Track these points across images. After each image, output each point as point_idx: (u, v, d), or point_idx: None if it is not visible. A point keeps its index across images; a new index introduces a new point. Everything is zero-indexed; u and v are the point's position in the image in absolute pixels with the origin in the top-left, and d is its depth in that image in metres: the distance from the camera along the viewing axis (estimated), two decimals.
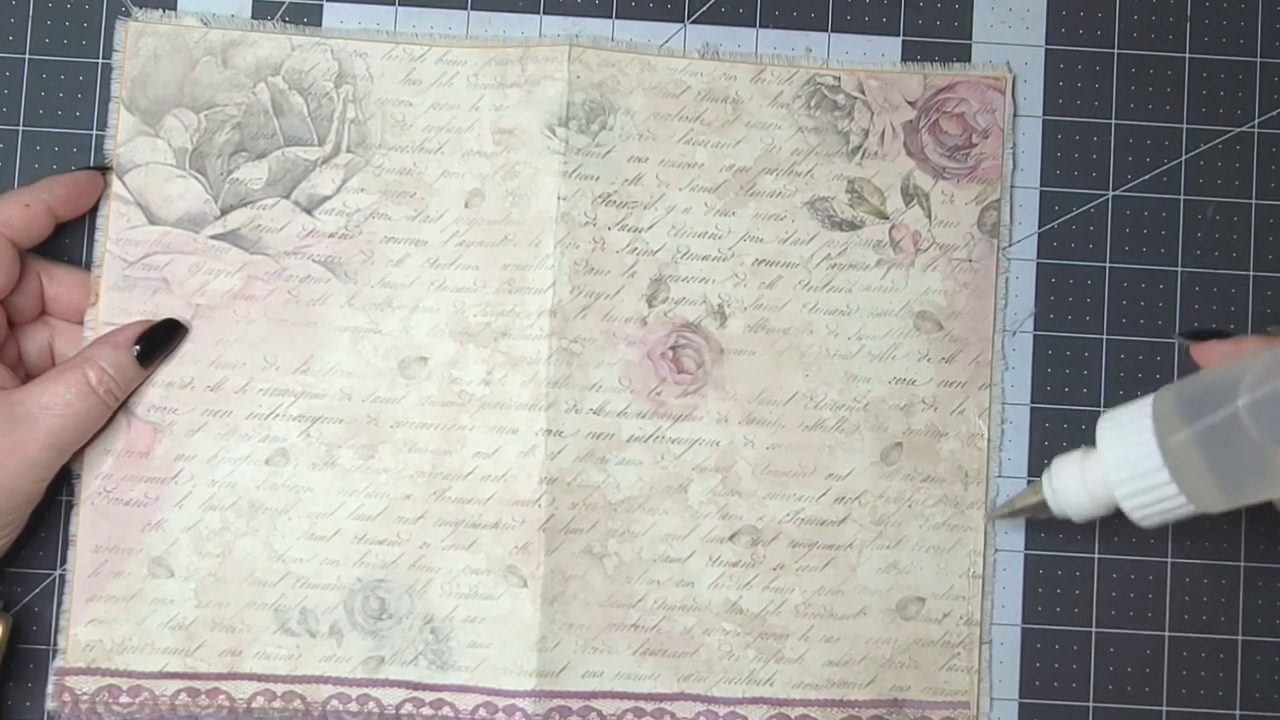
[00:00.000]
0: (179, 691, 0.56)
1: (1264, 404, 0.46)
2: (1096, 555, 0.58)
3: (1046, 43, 0.59)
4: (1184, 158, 0.59)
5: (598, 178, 0.57)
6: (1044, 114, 0.59)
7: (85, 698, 0.56)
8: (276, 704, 0.56)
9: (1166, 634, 0.58)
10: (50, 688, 0.56)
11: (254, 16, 0.58)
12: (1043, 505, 0.54)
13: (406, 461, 0.56)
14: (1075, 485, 0.52)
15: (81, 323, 0.56)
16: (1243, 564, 0.58)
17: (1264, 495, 0.48)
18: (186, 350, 0.56)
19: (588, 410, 0.57)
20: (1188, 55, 0.59)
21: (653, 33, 0.59)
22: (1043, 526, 0.57)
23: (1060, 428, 0.58)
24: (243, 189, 0.57)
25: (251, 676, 0.56)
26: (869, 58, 0.59)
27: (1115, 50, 0.59)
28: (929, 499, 0.57)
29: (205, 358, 0.56)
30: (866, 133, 0.58)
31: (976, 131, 0.58)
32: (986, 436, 0.58)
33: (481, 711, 0.56)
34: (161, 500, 0.56)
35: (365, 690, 0.56)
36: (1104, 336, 0.58)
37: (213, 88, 0.57)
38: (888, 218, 0.58)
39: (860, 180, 0.58)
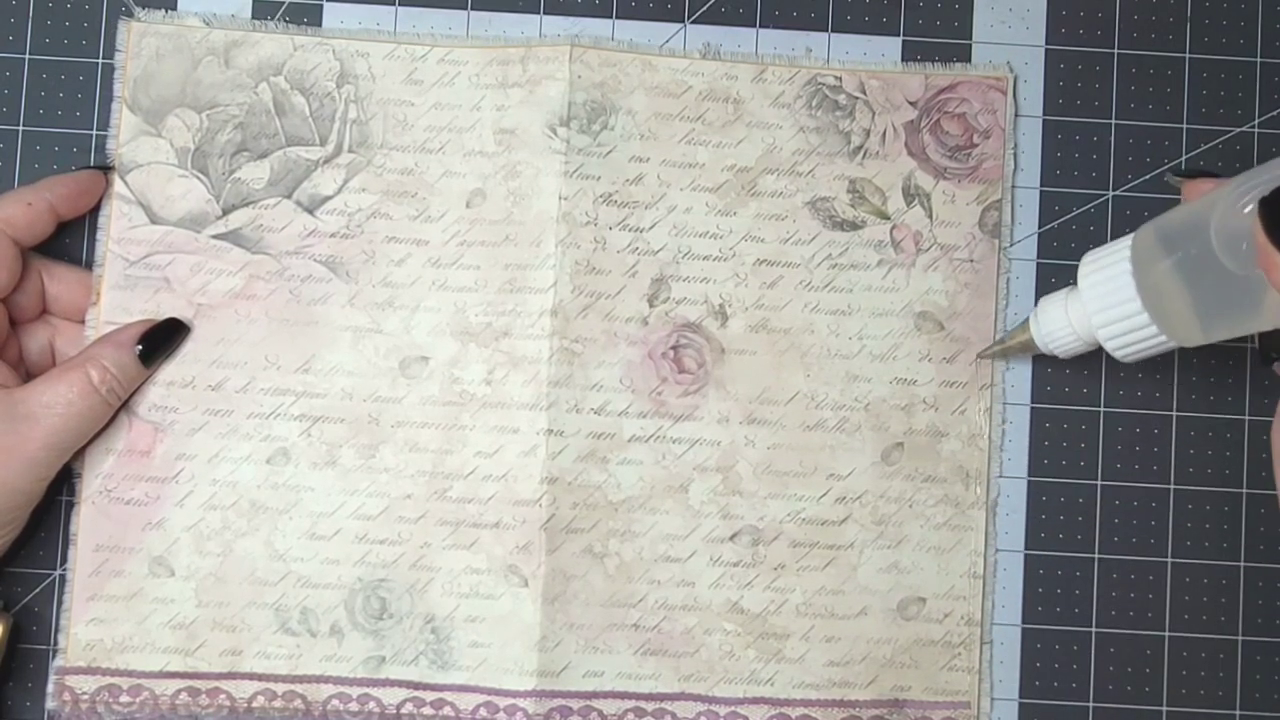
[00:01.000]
0: (179, 691, 0.56)
1: (1231, 230, 0.46)
2: (1096, 555, 0.58)
3: (1046, 43, 0.59)
4: (1184, 157, 0.59)
5: (599, 177, 0.57)
6: (1044, 114, 0.59)
7: (85, 697, 0.56)
8: (277, 704, 0.56)
9: (1166, 634, 0.58)
10: (50, 687, 0.56)
11: (254, 17, 0.58)
12: (1030, 343, 0.55)
13: (407, 461, 0.56)
14: (1060, 322, 0.53)
15: (82, 322, 0.56)
16: (1243, 564, 0.58)
17: (1241, 329, 0.49)
18: (188, 349, 0.56)
19: (589, 410, 0.57)
20: (1188, 55, 0.59)
21: (653, 33, 0.59)
22: (1044, 526, 0.58)
23: (1060, 428, 0.58)
24: (244, 189, 0.57)
25: (252, 676, 0.56)
26: (869, 58, 0.59)
27: (1115, 50, 0.59)
28: (930, 499, 0.57)
29: (206, 357, 0.56)
30: (868, 133, 0.58)
31: (978, 132, 0.58)
32: (987, 436, 0.58)
33: (482, 711, 0.56)
34: (162, 499, 0.56)
35: (366, 690, 0.56)
36: None
37: (215, 87, 0.57)
38: (889, 218, 0.58)
39: (861, 180, 0.58)
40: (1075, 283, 0.52)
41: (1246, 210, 0.45)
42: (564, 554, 0.56)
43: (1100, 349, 0.52)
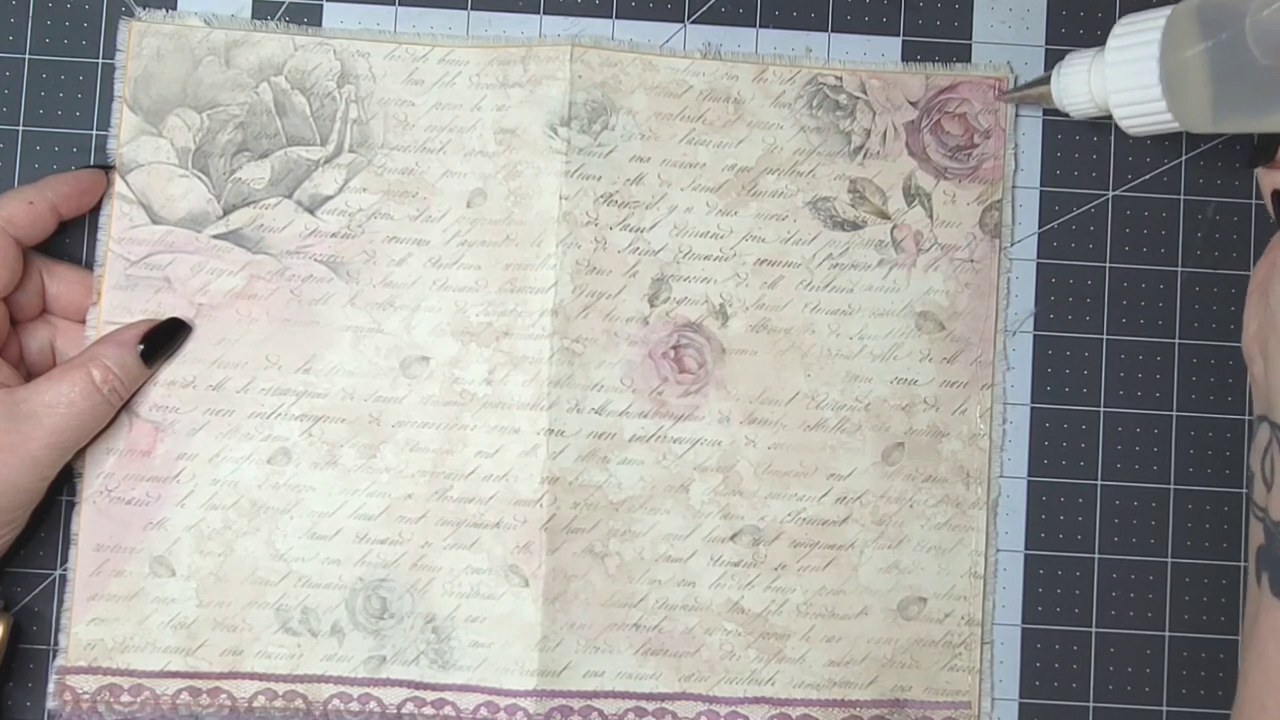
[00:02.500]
0: (180, 690, 0.56)
1: (1269, 21, 0.47)
2: (1096, 555, 0.58)
3: (1046, 43, 0.59)
4: (1184, 158, 0.59)
5: (600, 177, 0.57)
6: (1044, 114, 0.59)
7: (86, 696, 0.56)
8: (278, 703, 0.56)
9: (1166, 634, 0.58)
10: (51, 686, 0.56)
11: (254, 16, 0.58)
12: (1047, 95, 0.56)
13: (408, 461, 0.56)
14: (1080, 83, 0.54)
15: (83, 321, 0.56)
16: (1243, 564, 0.58)
17: (1252, 125, 0.50)
18: (189, 349, 0.56)
19: (589, 410, 0.57)
20: None
21: (653, 33, 0.59)
22: (1044, 526, 0.58)
23: (1060, 428, 0.58)
24: (245, 188, 0.57)
25: (253, 676, 0.56)
26: (869, 58, 0.59)
27: None
28: (930, 499, 0.57)
29: (207, 357, 0.56)
30: (868, 133, 0.58)
31: (978, 132, 0.58)
32: (988, 436, 0.58)
33: (483, 711, 0.56)
34: (163, 499, 0.56)
35: (366, 690, 0.56)
36: (1104, 336, 0.58)
37: (215, 87, 0.57)
38: (889, 218, 0.58)
39: (862, 180, 0.58)
40: (1104, 46, 0.53)
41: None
42: (565, 554, 0.56)
43: (1108, 117, 0.54)
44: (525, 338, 0.57)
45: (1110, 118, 0.54)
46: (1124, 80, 0.52)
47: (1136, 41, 0.51)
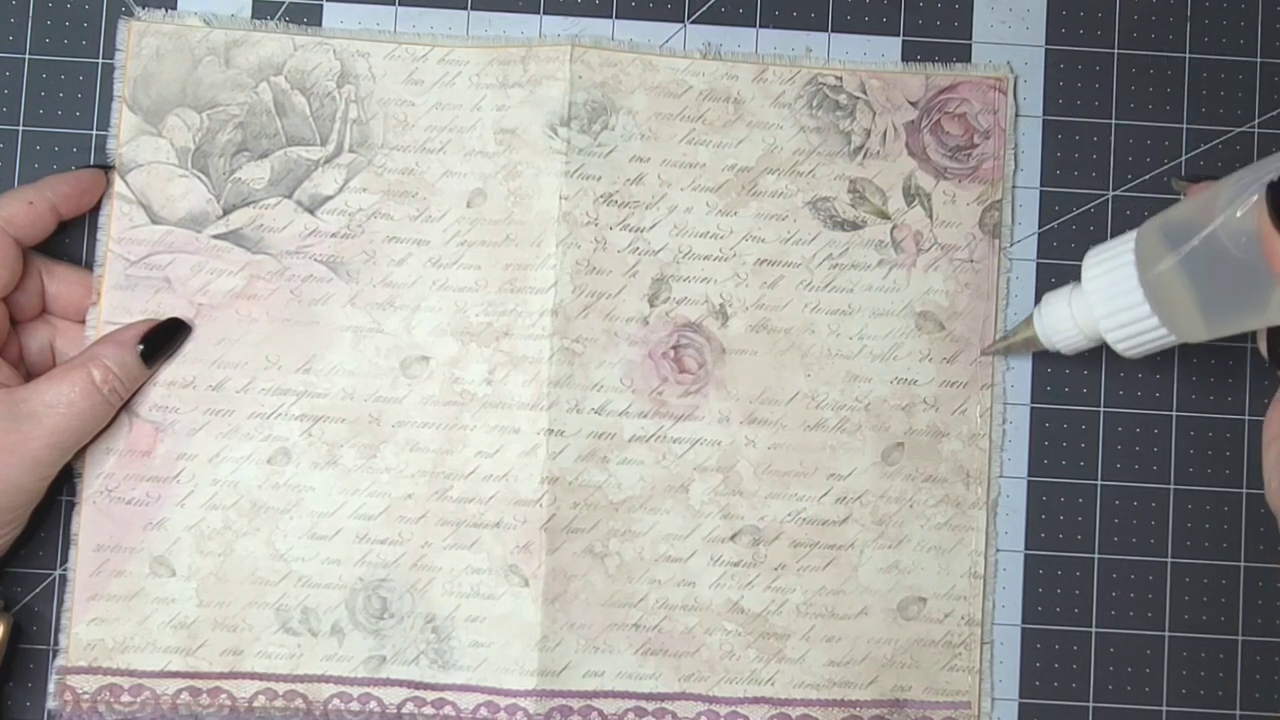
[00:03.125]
0: (180, 690, 0.56)
1: (1243, 221, 0.46)
2: (1096, 555, 0.58)
3: (1046, 43, 0.59)
4: (1184, 158, 0.59)
5: (599, 177, 0.57)
6: (1044, 114, 0.59)
7: (86, 696, 0.56)
8: (278, 703, 0.56)
9: (1166, 634, 0.58)
10: (51, 686, 0.56)
11: (254, 16, 0.58)
12: (1034, 339, 0.55)
13: (408, 461, 0.56)
14: (1064, 318, 0.53)
15: (82, 321, 0.56)
16: (1243, 564, 0.58)
17: (1246, 324, 0.49)
18: (189, 349, 0.56)
19: (589, 410, 0.57)
20: (1188, 55, 0.59)
21: (653, 33, 0.59)
22: (1044, 526, 0.58)
23: (1060, 428, 0.58)
24: (245, 188, 0.57)
25: (253, 676, 0.56)
26: (869, 58, 0.59)
27: (1115, 50, 0.59)
28: (930, 499, 0.57)
29: (207, 357, 0.56)
30: (868, 133, 0.58)
31: (978, 132, 0.58)
32: (988, 436, 0.58)
33: (483, 711, 0.56)
34: (163, 499, 0.56)
35: (367, 689, 0.56)
36: None
37: (215, 87, 0.57)
38: (889, 218, 0.58)
39: (862, 180, 0.58)
40: (1078, 279, 0.52)
41: (1252, 200, 0.45)
42: (564, 554, 0.56)
43: (1102, 345, 0.53)
44: (525, 338, 0.57)
45: (1099, 349, 0.54)
46: (1110, 304, 0.51)
47: (1112, 266, 0.51)
